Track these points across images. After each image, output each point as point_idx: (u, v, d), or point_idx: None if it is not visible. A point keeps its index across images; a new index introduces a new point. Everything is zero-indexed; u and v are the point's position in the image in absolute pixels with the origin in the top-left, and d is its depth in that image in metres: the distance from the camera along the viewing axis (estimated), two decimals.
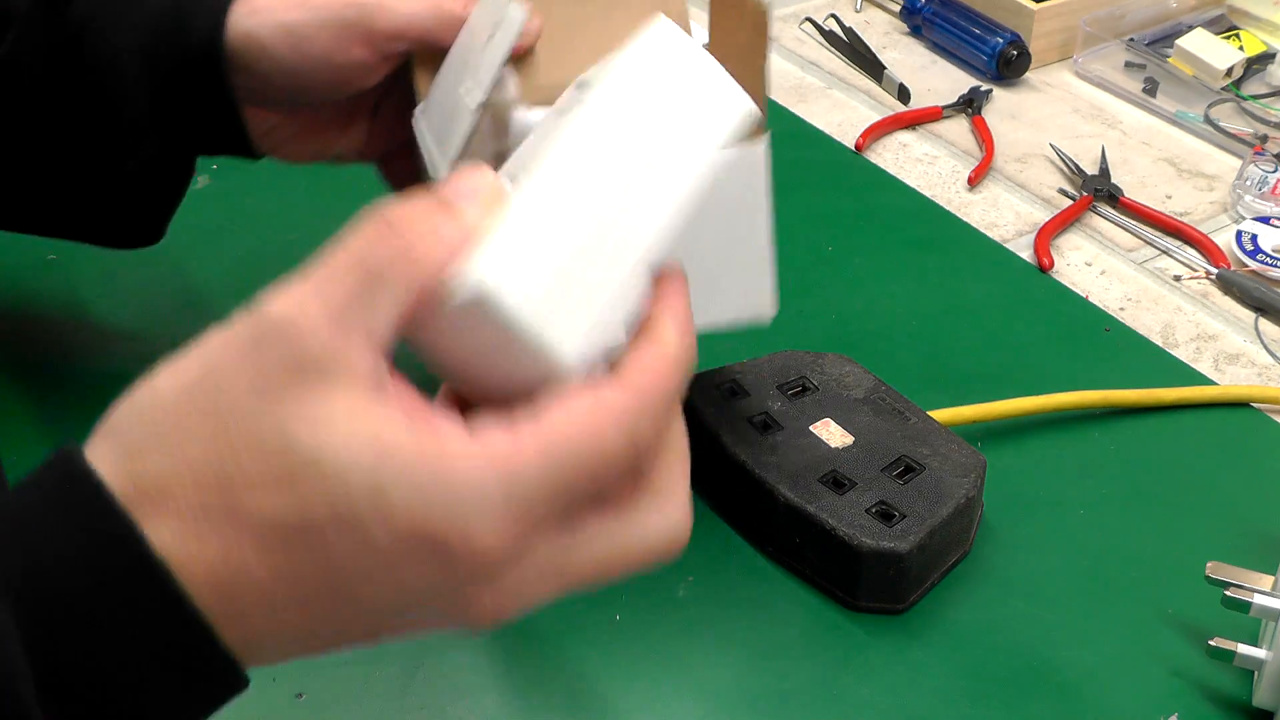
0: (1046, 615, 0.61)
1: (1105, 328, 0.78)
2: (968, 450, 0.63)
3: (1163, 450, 0.70)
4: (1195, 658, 0.58)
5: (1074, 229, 0.87)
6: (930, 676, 0.58)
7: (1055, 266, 0.83)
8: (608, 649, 0.59)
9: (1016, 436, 0.70)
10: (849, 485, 0.61)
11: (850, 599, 0.60)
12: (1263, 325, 0.79)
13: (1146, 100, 0.99)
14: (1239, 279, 0.81)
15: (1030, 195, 0.90)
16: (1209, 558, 0.57)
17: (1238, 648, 0.56)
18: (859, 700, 0.57)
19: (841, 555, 0.60)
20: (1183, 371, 0.75)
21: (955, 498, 0.61)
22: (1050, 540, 0.64)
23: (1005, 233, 0.86)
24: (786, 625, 0.60)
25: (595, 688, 0.57)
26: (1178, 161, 0.93)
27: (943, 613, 0.61)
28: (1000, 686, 0.58)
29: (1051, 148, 0.94)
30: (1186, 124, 0.96)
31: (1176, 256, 0.84)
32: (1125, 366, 0.75)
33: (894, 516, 0.60)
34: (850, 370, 0.67)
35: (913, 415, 0.65)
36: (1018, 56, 1.00)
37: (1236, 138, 0.94)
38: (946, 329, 0.78)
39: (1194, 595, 0.60)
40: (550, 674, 0.58)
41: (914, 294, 0.80)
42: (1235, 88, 0.99)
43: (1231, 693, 0.57)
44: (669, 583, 0.61)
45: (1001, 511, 0.65)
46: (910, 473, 0.62)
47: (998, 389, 0.71)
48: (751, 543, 0.63)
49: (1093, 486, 0.67)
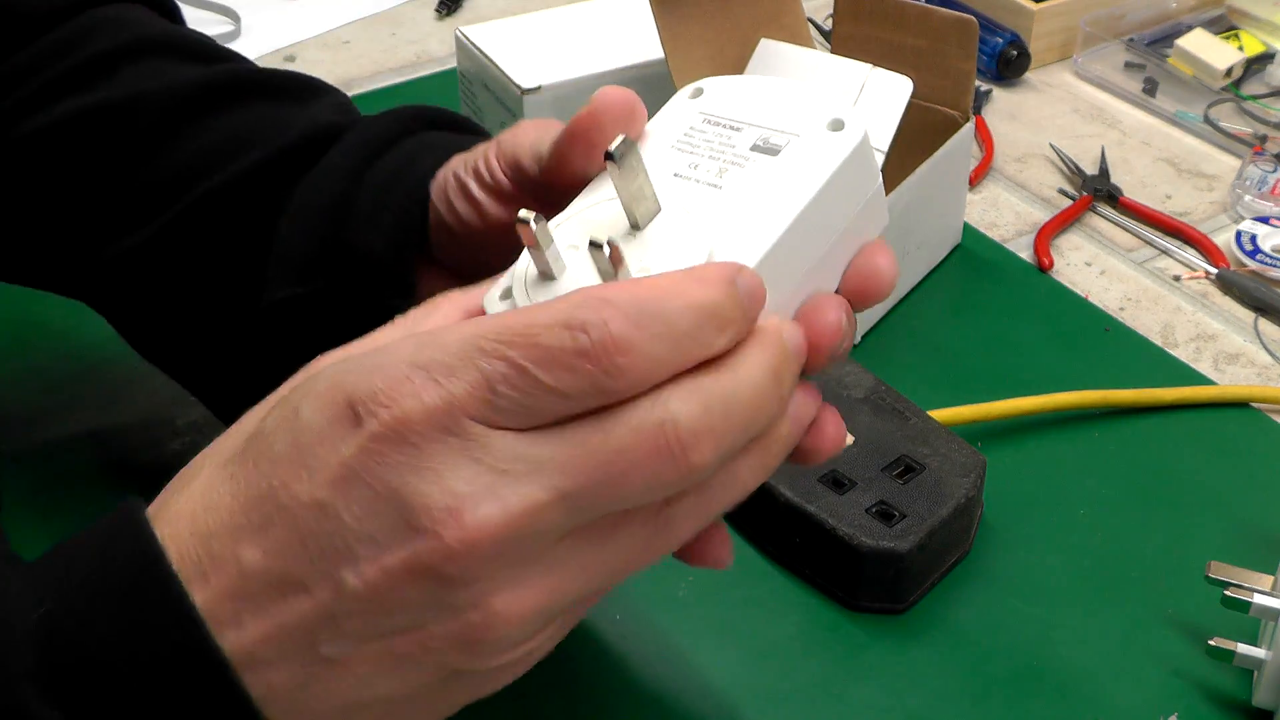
0: (1046, 615, 0.61)
1: (1105, 327, 0.78)
2: (968, 450, 0.63)
3: (1163, 450, 0.70)
4: (1195, 658, 0.58)
5: (1074, 229, 0.87)
6: (930, 676, 0.58)
7: (1055, 266, 0.83)
8: (608, 649, 0.59)
9: (1016, 436, 0.70)
10: (849, 485, 0.61)
11: (850, 599, 0.60)
12: (1262, 325, 0.79)
13: (1146, 100, 0.99)
14: (1239, 279, 0.81)
15: (1030, 195, 0.90)
16: (1209, 558, 0.57)
17: (1237, 647, 0.56)
18: (859, 700, 0.57)
19: (841, 555, 0.60)
20: (1182, 371, 0.75)
21: (955, 498, 0.61)
22: (1050, 540, 0.64)
23: (1005, 233, 0.86)
24: (786, 625, 0.60)
25: (595, 687, 0.57)
26: (1177, 161, 0.94)
27: (943, 613, 0.61)
28: (1000, 686, 0.58)
29: (1051, 148, 0.94)
30: (1186, 124, 0.97)
31: (1176, 256, 0.84)
32: (1125, 366, 0.75)
33: (894, 516, 0.60)
34: (850, 370, 0.67)
35: (913, 415, 0.65)
36: (1017, 56, 1.00)
37: (1236, 138, 0.94)
38: (946, 328, 0.78)
39: (1194, 595, 0.60)
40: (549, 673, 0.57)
41: (914, 293, 0.80)
42: (1235, 88, 0.99)
43: (1231, 692, 0.57)
44: (669, 582, 0.61)
45: (1001, 511, 0.65)
46: (910, 473, 0.62)
47: (998, 389, 0.71)
48: (751, 542, 0.63)
49: (1093, 486, 0.67)
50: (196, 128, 0.57)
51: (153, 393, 0.69)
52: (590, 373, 0.34)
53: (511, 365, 0.34)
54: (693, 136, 0.43)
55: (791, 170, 0.41)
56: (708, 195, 0.41)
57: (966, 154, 0.81)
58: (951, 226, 0.83)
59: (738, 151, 0.42)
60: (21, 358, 0.73)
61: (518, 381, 0.34)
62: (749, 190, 0.40)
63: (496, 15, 1.05)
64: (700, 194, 0.41)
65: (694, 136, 0.43)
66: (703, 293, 0.36)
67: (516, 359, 0.34)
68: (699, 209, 0.40)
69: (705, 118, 0.43)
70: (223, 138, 0.56)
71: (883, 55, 0.77)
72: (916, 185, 0.75)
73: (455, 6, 1.11)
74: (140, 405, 0.70)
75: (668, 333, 0.35)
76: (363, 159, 0.53)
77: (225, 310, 0.55)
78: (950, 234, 0.83)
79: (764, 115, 0.42)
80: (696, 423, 0.35)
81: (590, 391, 0.34)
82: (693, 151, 0.42)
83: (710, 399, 0.36)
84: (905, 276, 0.79)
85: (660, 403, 0.35)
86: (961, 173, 0.82)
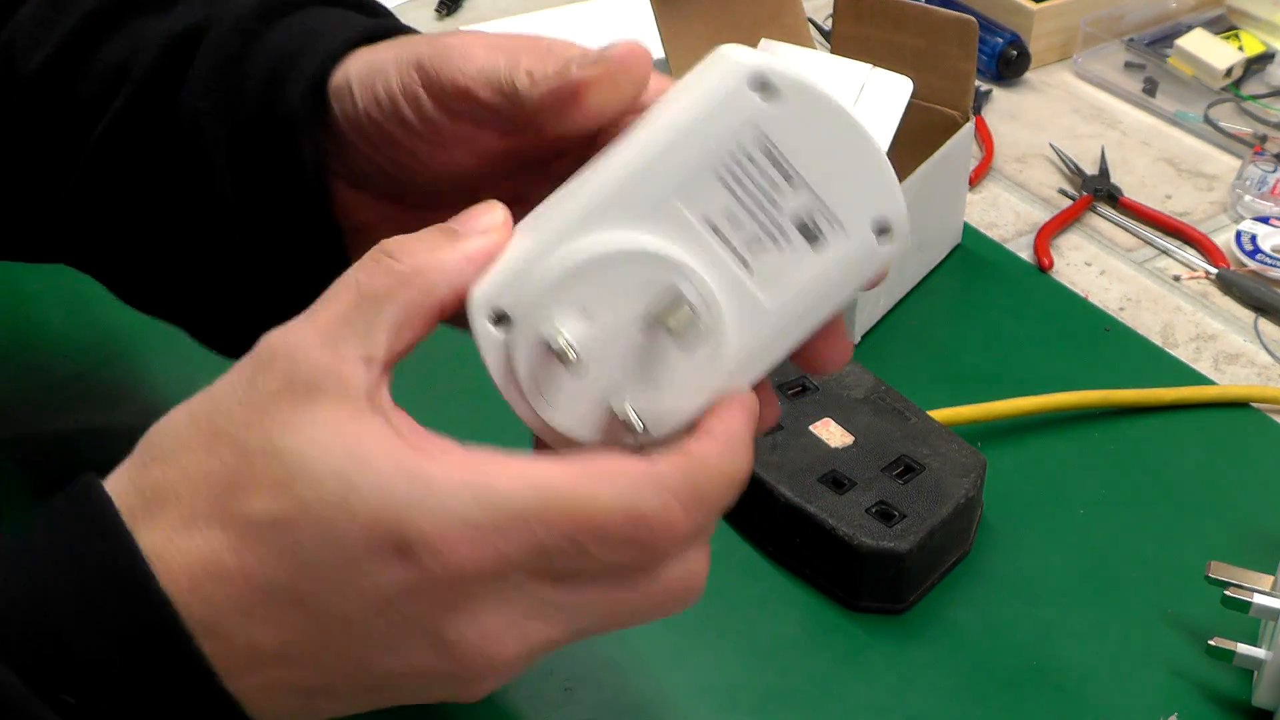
0: (1046, 615, 0.61)
1: (1105, 327, 0.78)
2: (968, 450, 0.63)
3: (1163, 450, 0.70)
4: (1195, 658, 0.58)
5: (1074, 229, 0.87)
6: (930, 676, 0.58)
7: (1055, 266, 0.83)
8: (607, 649, 0.59)
9: (1016, 436, 0.70)
10: (849, 485, 0.61)
11: (850, 599, 0.60)
12: (1262, 325, 0.79)
13: (1146, 100, 0.99)
14: (1238, 279, 0.81)
15: (1030, 195, 0.90)
16: (1209, 558, 0.57)
17: (1237, 647, 0.56)
18: (859, 700, 0.57)
19: (841, 555, 0.60)
20: (1182, 371, 0.75)
21: (955, 498, 0.61)
22: (1050, 540, 0.64)
23: (1005, 232, 0.86)
24: (786, 625, 0.60)
25: (595, 687, 0.57)
26: (1177, 161, 0.94)
27: (943, 613, 0.61)
28: (1000, 686, 0.58)
29: (1051, 148, 0.94)
30: (1186, 124, 0.96)
31: (1176, 256, 0.84)
32: (1125, 366, 0.75)
33: (894, 516, 0.60)
34: (850, 370, 0.67)
35: (913, 415, 0.65)
36: (1017, 56, 1.00)
37: (1236, 138, 0.94)
38: (946, 328, 0.78)
39: (1194, 595, 0.60)
40: (550, 673, 0.58)
41: (914, 293, 0.80)
42: (1235, 88, 0.99)
43: (1231, 693, 0.57)
44: None
45: (1001, 511, 0.65)
46: (910, 473, 0.62)
47: (998, 389, 0.71)
48: (751, 542, 0.63)
49: (1093, 486, 0.67)
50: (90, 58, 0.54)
51: (152, 393, 0.69)
52: (643, 554, 0.37)
53: (572, 544, 0.36)
54: (744, 166, 0.38)
55: (824, 276, 0.39)
56: (736, 284, 0.39)
57: (966, 154, 0.81)
58: (951, 226, 0.83)
59: (780, 218, 0.38)
60: (21, 358, 0.73)
61: (574, 556, 0.36)
62: (776, 287, 0.39)
63: (496, 15, 1.05)
64: (729, 281, 0.39)
65: (744, 167, 0.38)
66: (736, 464, 0.38)
67: (577, 538, 0.36)
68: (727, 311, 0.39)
69: (764, 144, 0.38)
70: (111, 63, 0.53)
71: (883, 55, 0.77)
72: (916, 185, 0.75)
73: (455, 6, 1.11)
74: (140, 405, 0.70)
75: (709, 513, 0.38)
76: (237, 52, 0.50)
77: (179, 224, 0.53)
78: (950, 234, 0.83)
79: (821, 167, 0.38)
80: (706, 567, 0.40)
81: (631, 567, 0.37)
82: (737, 195, 0.38)
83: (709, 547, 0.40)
84: (905, 276, 0.79)
85: (685, 561, 0.39)
86: (961, 173, 0.82)
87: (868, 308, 0.76)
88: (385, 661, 0.37)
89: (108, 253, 0.56)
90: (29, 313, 0.74)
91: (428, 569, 0.35)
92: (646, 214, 0.38)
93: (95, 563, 0.35)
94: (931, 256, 0.81)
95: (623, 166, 0.39)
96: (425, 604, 0.36)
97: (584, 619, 0.38)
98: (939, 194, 0.79)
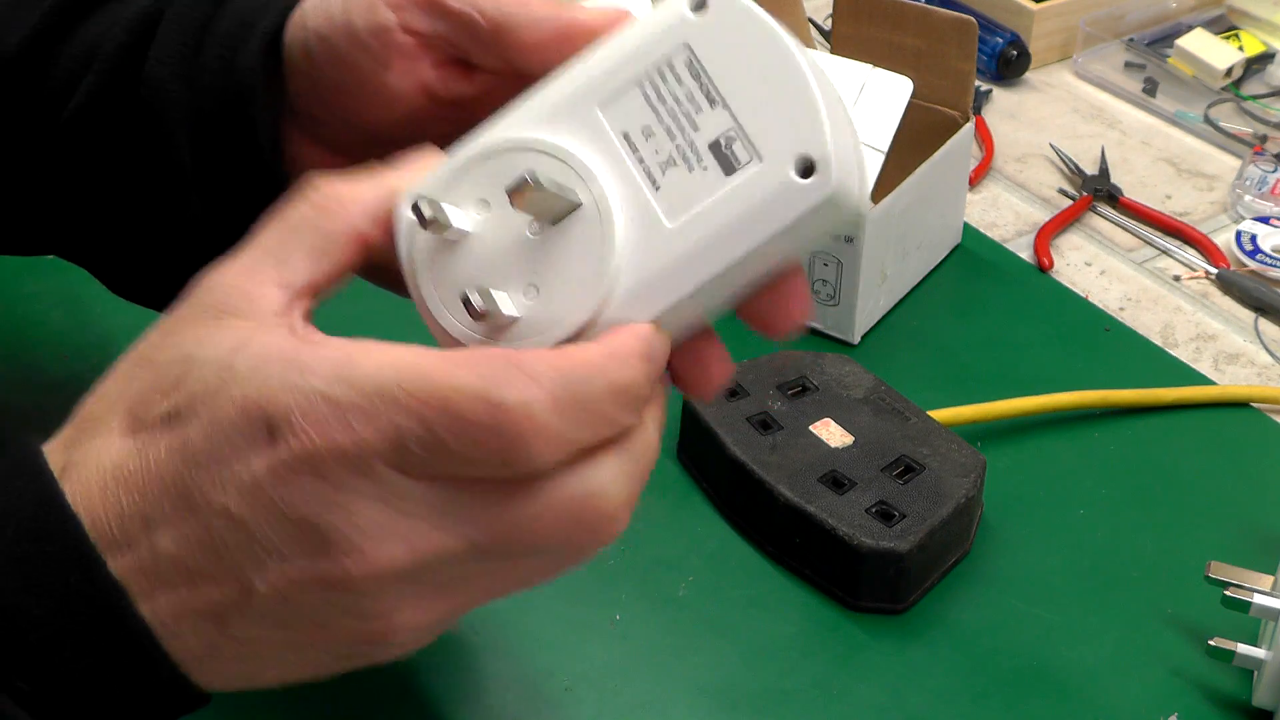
0: (1046, 615, 0.61)
1: (1105, 327, 0.78)
2: (968, 450, 0.63)
3: (1163, 450, 0.70)
4: (1195, 658, 0.58)
5: (1074, 229, 0.87)
6: (930, 676, 0.58)
7: (1055, 266, 0.83)
8: (608, 649, 0.59)
9: (1016, 436, 0.70)
10: (849, 485, 0.61)
11: (850, 599, 0.60)
12: (1262, 325, 0.79)
13: (1146, 100, 0.99)
14: (1239, 279, 0.81)
15: (1030, 195, 0.90)
16: (1209, 558, 0.57)
17: (1237, 647, 0.56)
18: (859, 700, 0.57)
19: (841, 555, 0.60)
20: (1182, 371, 0.75)
21: (955, 498, 0.61)
22: (1050, 540, 0.64)
23: (1005, 232, 0.86)
24: (786, 625, 0.60)
25: (595, 688, 0.57)
26: (1177, 161, 0.94)
27: (943, 613, 0.61)
28: (1000, 686, 0.58)
29: (1051, 148, 0.94)
30: (1186, 124, 0.97)
31: (1176, 256, 0.84)
32: (1125, 366, 0.75)
33: (894, 516, 0.60)
34: (850, 370, 0.67)
35: (913, 415, 0.65)
36: (1017, 56, 1.00)
37: (1236, 138, 0.94)
38: (946, 328, 0.78)
39: (1194, 595, 0.60)
40: (550, 674, 0.58)
41: (914, 293, 0.80)
42: (1235, 88, 0.99)
43: (1231, 693, 0.57)
44: (669, 582, 0.61)
45: (1001, 511, 0.65)
46: (910, 473, 0.62)
47: (998, 389, 0.71)
48: (751, 542, 0.63)
49: (1093, 486, 0.67)
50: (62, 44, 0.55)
51: None
52: (498, 450, 0.34)
53: (424, 427, 0.34)
54: (666, 81, 0.37)
55: (733, 208, 0.37)
56: (639, 198, 0.37)
57: (966, 154, 0.81)
58: (951, 226, 0.83)
59: (697, 141, 0.37)
60: (21, 358, 0.73)
61: (428, 442, 0.34)
62: (683, 211, 0.37)
63: None
64: (632, 193, 0.37)
65: (668, 82, 0.37)
66: (622, 374, 0.36)
67: (430, 421, 0.34)
68: (621, 219, 0.37)
69: (691, 60, 0.37)
70: (85, 43, 0.54)
71: (882, 55, 0.77)
72: (916, 185, 0.75)
73: None
74: None
75: (587, 419, 0.35)
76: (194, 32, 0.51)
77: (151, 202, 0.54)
78: (950, 234, 0.83)
79: (747, 92, 0.37)
80: (622, 495, 0.37)
81: (497, 466, 0.35)
82: (656, 109, 0.37)
83: (631, 471, 0.37)
84: (905, 276, 0.79)
85: (583, 478, 0.36)
86: (961, 173, 0.82)
87: (868, 308, 0.76)
88: (276, 570, 0.35)
89: (87, 236, 0.57)
90: (28, 313, 0.74)
91: (289, 447, 0.34)
92: (563, 118, 0.38)
93: (16, 509, 0.37)
94: (931, 257, 0.81)
95: (553, 76, 0.39)
96: (293, 490, 0.35)
97: (473, 529, 0.35)
98: (939, 194, 0.79)
